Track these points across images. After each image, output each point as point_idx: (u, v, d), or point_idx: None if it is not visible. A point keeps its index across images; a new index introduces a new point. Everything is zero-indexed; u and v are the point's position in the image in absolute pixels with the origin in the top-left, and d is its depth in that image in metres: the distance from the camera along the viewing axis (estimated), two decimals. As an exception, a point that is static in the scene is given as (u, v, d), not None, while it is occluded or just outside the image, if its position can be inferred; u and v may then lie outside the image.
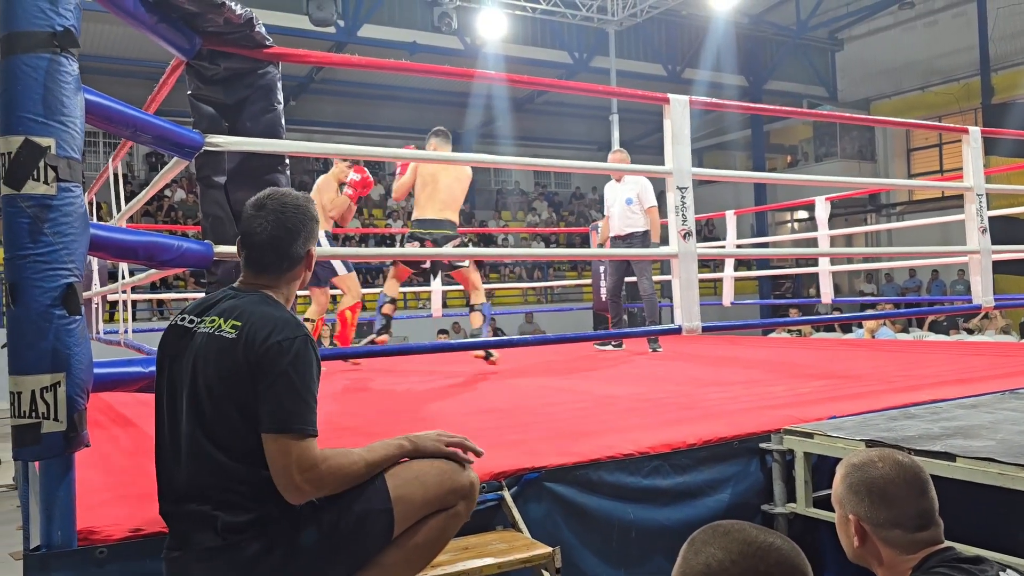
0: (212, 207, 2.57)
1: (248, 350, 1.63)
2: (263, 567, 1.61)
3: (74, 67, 1.89)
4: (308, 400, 1.62)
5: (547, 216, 20.52)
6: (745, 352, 6.41)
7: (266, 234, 1.76)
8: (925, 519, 1.54)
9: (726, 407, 3.43)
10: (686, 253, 3.27)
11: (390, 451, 1.77)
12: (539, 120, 20.40)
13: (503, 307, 16.38)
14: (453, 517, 1.80)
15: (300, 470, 1.57)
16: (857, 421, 2.95)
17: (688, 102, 3.32)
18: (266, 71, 2.57)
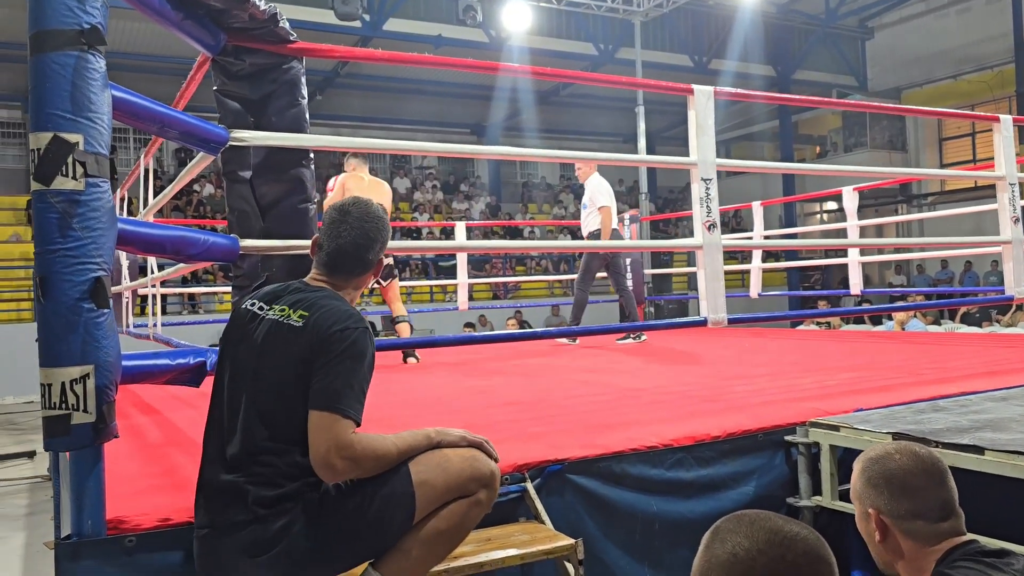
0: (238, 201, 2.60)
1: (313, 337, 1.71)
2: (286, 543, 1.64)
3: (101, 64, 1.92)
4: (355, 387, 1.68)
5: (573, 209, 20.47)
6: (772, 344, 6.36)
7: (348, 239, 1.86)
8: (947, 509, 1.52)
9: (751, 399, 3.41)
10: (711, 244, 3.25)
11: (418, 440, 1.80)
12: (564, 112, 20.35)
13: (529, 300, 16.39)
14: (475, 505, 1.82)
15: (338, 448, 1.62)
16: (884, 414, 2.92)
17: (713, 92, 3.29)
18: (290, 66, 2.59)
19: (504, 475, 2.38)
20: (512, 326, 11.01)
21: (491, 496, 1.85)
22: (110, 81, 1.97)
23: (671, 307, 11.61)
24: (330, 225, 1.90)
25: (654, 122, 21.11)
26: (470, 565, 2.01)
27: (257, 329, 1.79)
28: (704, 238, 3.23)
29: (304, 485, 1.69)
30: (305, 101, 2.65)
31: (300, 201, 2.62)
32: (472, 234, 17.59)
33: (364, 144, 3.34)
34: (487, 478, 1.83)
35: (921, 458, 1.56)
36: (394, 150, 3.32)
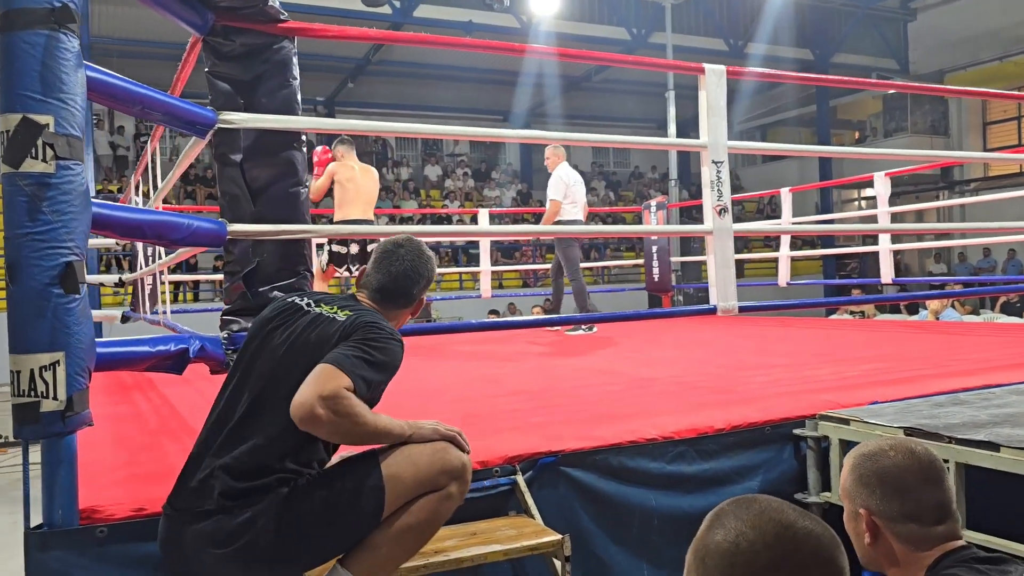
0: (228, 185, 2.56)
1: (349, 325, 1.76)
2: (249, 537, 1.60)
3: (74, 44, 1.88)
4: (367, 367, 1.68)
5: (604, 195, 20.29)
6: (798, 334, 6.21)
7: (399, 270, 1.95)
8: (942, 512, 1.42)
9: (763, 391, 3.30)
10: (721, 230, 3.14)
11: (394, 428, 1.75)
12: (595, 98, 20.12)
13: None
14: (446, 499, 1.76)
15: (324, 393, 1.58)
16: (899, 407, 2.80)
17: (724, 72, 3.17)
18: (281, 46, 2.53)
19: (494, 467, 2.32)
20: (538, 314, 10.93)
21: (462, 489, 1.79)
22: (110, 68, 1.94)
23: (700, 295, 11.40)
24: (383, 255, 1.98)
25: (687, 108, 20.83)
26: (450, 560, 1.95)
27: (300, 320, 1.82)
28: (714, 223, 3.12)
29: (276, 480, 1.65)
30: (297, 82, 2.59)
31: (291, 185, 2.56)
32: (502, 221, 17.55)
33: (360, 126, 3.28)
34: (458, 471, 1.76)
35: (917, 456, 1.45)
36: (388, 132, 3.26)
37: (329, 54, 15.88)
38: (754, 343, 5.54)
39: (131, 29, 14.55)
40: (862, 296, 8.66)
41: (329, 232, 3.36)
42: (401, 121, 15.45)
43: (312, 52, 15.28)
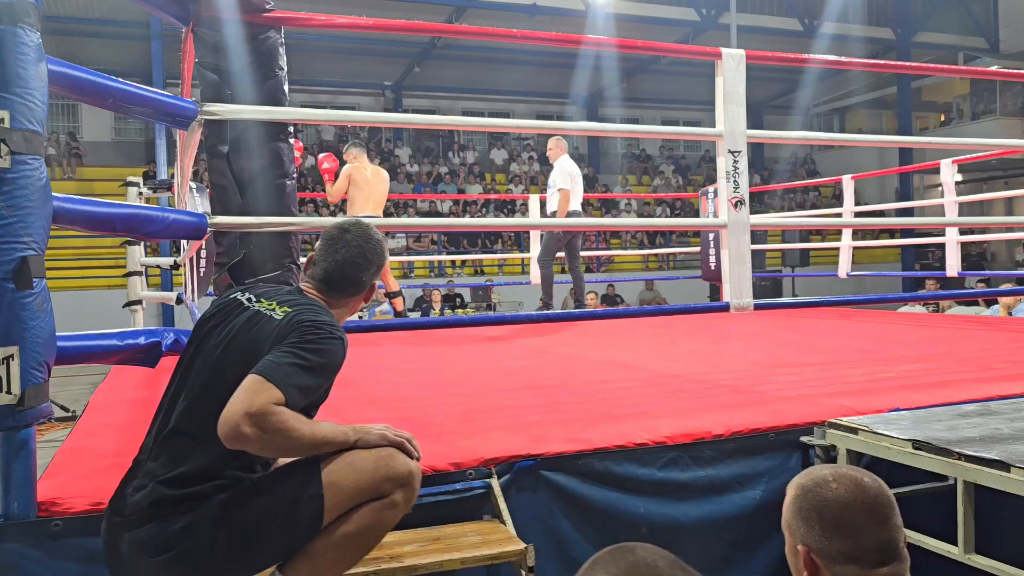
0: (217, 176, 2.55)
1: (286, 326, 1.68)
2: (185, 545, 1.56)
3: (32, 38, 1.87)
4: (302, 373, 1.60)
5: (673, 180, 19.91)
6: (853, 328, 5.94)
7: (344, 257, 1.86)
8: (887, 552, 1.28)
9: (783, 392, 3.13)
10: (736, 223, 2.98)
11: (336, 435, 1.68)
12: (661, 81, 19.70)
13: (622, 274, 16.09)
14: (389, 507, 1.69)
15: (250, 411, 1.51)
16: (919, 416, 2.61)
17: (743, 57, 3.00)
18: (267, 36, 2.50)
19: (468, 469, 2.25)
20: (592, 300, 10.78)
21: (409, 497, 1.72)
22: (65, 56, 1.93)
23: (763, 284, 11.05)
24: (328, 241, 1.90)
25: (760, 91, 20.23)
26: (404, 567, 1.89)
27: (237, 318, 1.76)
28: (729, 216, 2.96)
29: (213, 487, 1.60)
30: (283, 72, 2.55)
31: (277, 176, 2.53)
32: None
33: (348, 117, 3.21)
34: (403, 478, 1.69)
35: (863, 490, 1.32)
36: (385, 123, 3.18)
37: (395, 39, 15.94)
38: (800, 337, 5.32)
39: (80, 7, 14.53)
40: (913, 294, 8.25)
41: (313, 225, 3.31)
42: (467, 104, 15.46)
43: (378, 37, 15.40)
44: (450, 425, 2.72)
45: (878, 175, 13.83)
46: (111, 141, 17.51)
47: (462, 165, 18.63)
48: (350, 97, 19.59)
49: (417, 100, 19.90)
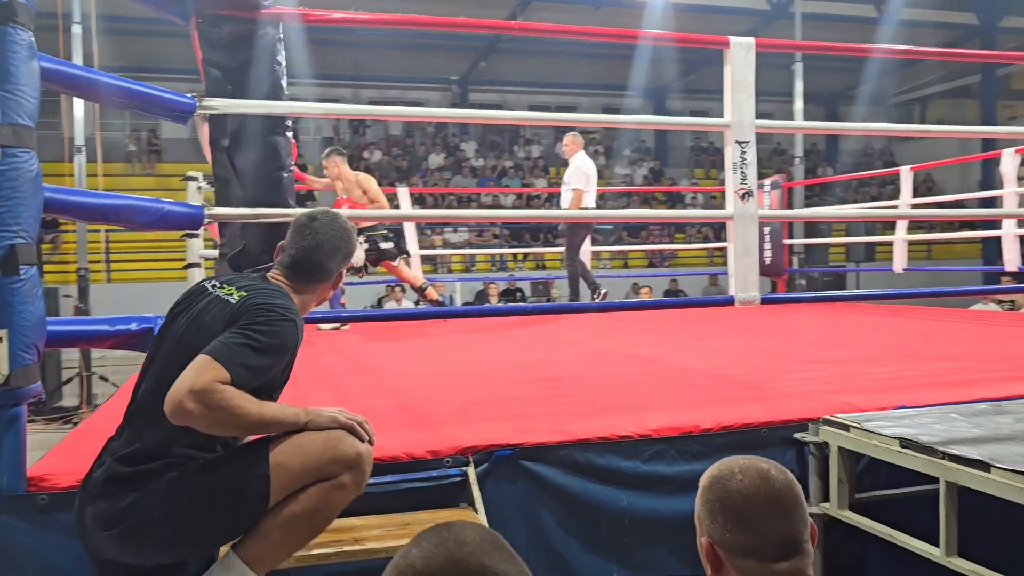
0: (219, 169, 2.64)
1: (239, 309, 1.74)
2: (132, 520, 1.63)
3: (23, 37, 1.98)
4: (252, 351, 1.65)
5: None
6: (900, 324, 5.75)
7: (311, 243, 1.90)
8: (789, 547, 1.26)
9: (792, 388, 3.06)
10: (743, 215, 2.93)
11: (286, 416, 1.72)
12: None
13: (686, 268, 15.87)
14: (337, 488, 1.73)
15: (194, 388, 1.56)
16: (920, 413, 2.53)
17: (752, 45, 2.95)
18: (265, 32, 2.57)
19: (446, 457, 2.28)
20: (646, 295, 10.68)
21: (358, 479, 1.75)
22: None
23: (826, 279, 10.73)
24: (296, 228, 1.94)
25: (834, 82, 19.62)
26: (364, 550, 1.94)
27: (199, 303, 1.82)
28: (736, 208, 2.92)
29: (163, 465, 1.67)
30: (282, 67, 2.62)
31: (275, 169, 2.61)
32: (630, 200, 17.26)
33: (359, 111, 3.27)
34: (351, 460, 1.73)
35: (768, 482, 1.29)
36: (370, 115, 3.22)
37: (460, 33, 16.05)
38: (839, 334, 5.18)
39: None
40: (933, 289, 7.89)
41: None
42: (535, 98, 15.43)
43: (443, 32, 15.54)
44: (445, 414, 2.76)
45: (941, 165, 13.26)
46: (188, 138, 18.13)
47: (527, 159, 18.65)
48: (418, 92, 19.82)
49: (483, 95, 19.99)
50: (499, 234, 15.88)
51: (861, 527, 2.36)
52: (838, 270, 11.18)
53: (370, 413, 2.77)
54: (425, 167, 17.75)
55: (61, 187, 2.14)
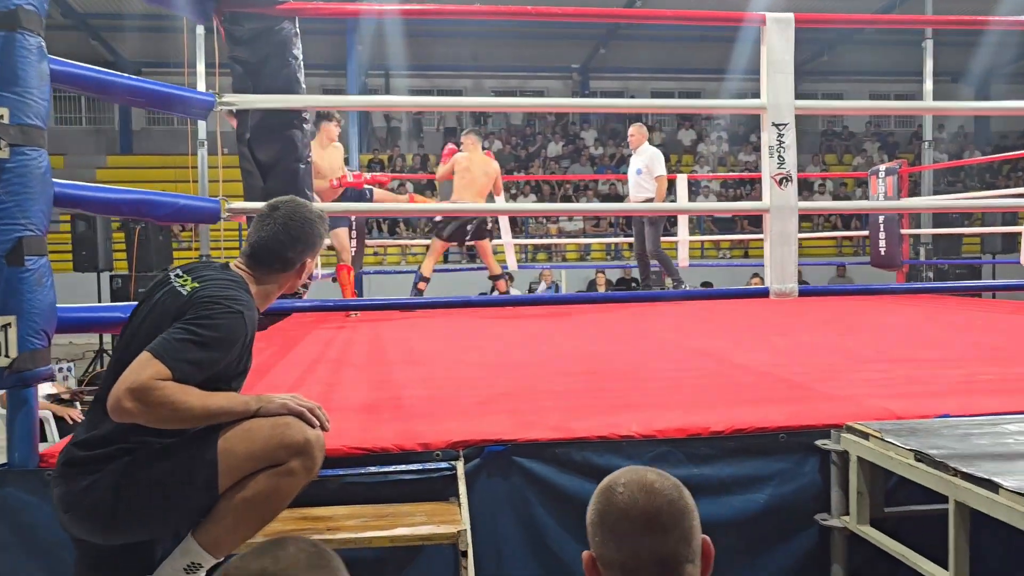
0: (243, 162, 2.74)
1: (187, 302, 1.78)
2: (89, 503, 1.71)
3: (32, 42, 2.10)
4: (195, 346, 1.69)
5: (878, 159, 18.39)
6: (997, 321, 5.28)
7: (269, 232, 1.92)
8: (663, 567, 1.17)
9: (837, 390, 2.86)
10: (781, 204, 2.76)
11: (234, 405, 1.76)
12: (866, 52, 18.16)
13: (811, 258, 15.16)
14: (286, 474, 1.75)
15: (132, 386, 1.62)
16: (957, 423, 2.31)
17: (792, 21, 2.76)
18: (281, 27, 2.64)
19: (436, 451, 2.27)
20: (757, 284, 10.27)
21: (308, 465, 1.76)
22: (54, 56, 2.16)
23: (959, 272, 9.97)
24: (257, 218, 1.97)
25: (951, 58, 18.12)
26: (336, 540, 1.95)
27: (157, 294, 1.88)
28: (773, 197, 2.74)
29: (117, 450, 1.73)
30: (298, 61, 2.68)
31: (292, 161, 2.67)
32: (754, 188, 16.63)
33: (363, 102, 3.26)
34: (299, 446, 1.74)
35: (650, 496, 1.21)
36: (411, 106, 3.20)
37: (579, 21, 15.89)
38: (940, 331, 4.81)
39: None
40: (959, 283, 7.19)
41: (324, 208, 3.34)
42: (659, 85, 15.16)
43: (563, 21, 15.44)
44: (462, 406, 2.76)
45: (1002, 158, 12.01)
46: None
47: (647, 146, 18.30)
48: (539, 81, 19.83)
49: (605, 82, 19.76)
50: (614, 223, 15.67)
51: (878, 544, 2.18)
52: (971, 262, 10.36)
53: (389, 403, 2.83)
54: (544, 155, 17.75)
55: (75, 183, 2.26)
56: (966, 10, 15.20)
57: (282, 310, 3.40)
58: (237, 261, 1.96)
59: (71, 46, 16.61)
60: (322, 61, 17.30)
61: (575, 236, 15.03)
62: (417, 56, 16.67)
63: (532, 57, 18.36)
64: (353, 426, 2.45)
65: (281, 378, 3.33)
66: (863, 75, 19.53)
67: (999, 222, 9.44)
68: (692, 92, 19.91)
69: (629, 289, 13.88)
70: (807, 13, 5.35)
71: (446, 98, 16.57)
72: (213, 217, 2.54)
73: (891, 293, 4.92)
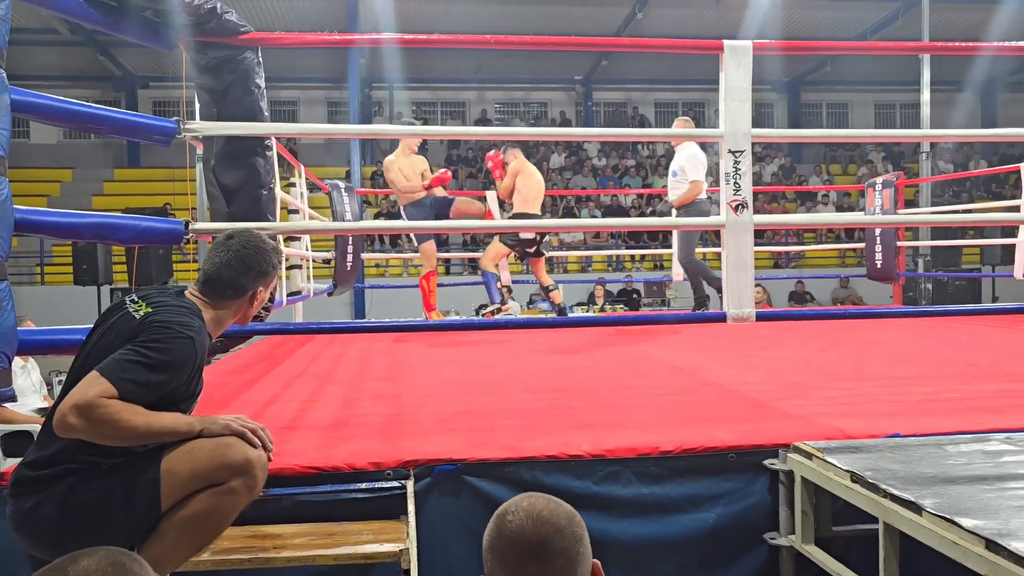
0: (209, 187, 2.79)
1: (139, 326, 1.85)
2: (34, 521, 1.77)
3: (-5, 74, 2.17)
4: (141, 367, 1.76)
5: (883, 169, 18.36)
6: (994, 339, 5.27)
7: (222, 260, 2.00)
8: None
9: (797, 409, 2.89)
10: (736, 227, 2.79)
11: (177, 426, 1.81)
12: (869, 61, 18.17)
13: (815, 270, 15.15)
14: (227, 493, 1.80)
15: (77, 403, 1.68)
16: (899, 444, 2.34)
17: (749, 49, 2.80)
18: (244, 56, 2.69)
19: (387, 470, 2.31)
20: (760, 296, 10.28)
21: (249, 484, 1.81)
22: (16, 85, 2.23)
23: (958, 284, 9.95)
24: (213, 247, 2.05)
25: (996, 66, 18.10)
26: (280, 558, 2.00)
27: (111, 318, 1.94)
28: (728, 220, 2.78)
29: (63, 470, 1.79)
30: (260, 90, 2.73)
31: (255, 187, 2.73)
32: (757, 200, 16.62)
33: (323, 130, 3.32)
34: (239, 467, 1.80)
35: (537, 523, 1.24)
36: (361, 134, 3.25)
37: (581, 32, 15.95)
38: (906, 347, 4.81)
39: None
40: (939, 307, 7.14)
41: (280, 229, 3.36)
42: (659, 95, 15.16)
43: (565, 31, 15.52)
44: (422, 423, 2.80)
45: None
46: (323, 143, 19.04)
47: (649, 158, 18.34)
48: (542, 93, 19.94)
49: (608, 93, 19.83)
50: (615, 234, 15.71)
51: (819, 564, 2.21)
52: (970, 275, 10.33)
53: (354, 421, 2.88)
54: (547, 167, 17.81)
55: (36, 208, 2.33)
56: (964, 21, 15.37)
57: (259, 331, 3.45)
58: (192, 288, 2.02)
59: (80, 61, 16.90)
60: (325, 74, 17.49)
61: (576, 248, 15.05)
62: (420, 68, 16.79)
63: (535, 69, 18.45)
64: (312, 445, 2.50)
65: (259, 395, 3.40)
66: (867, 85, 19.56)
67: (998, 234, 9.40)
68: (695, 102, 19.98)
69: (631, 300, 13.93)
70: (807, 25, 5.20)
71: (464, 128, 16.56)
72: (177, 238, 2.60)
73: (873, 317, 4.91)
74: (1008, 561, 1.51)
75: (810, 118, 20.11)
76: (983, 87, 19.47)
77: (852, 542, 2.32)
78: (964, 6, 14.46)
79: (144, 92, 18.10)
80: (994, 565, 1.53)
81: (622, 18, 15.91)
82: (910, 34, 16.73)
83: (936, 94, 18.76)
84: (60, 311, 6.75)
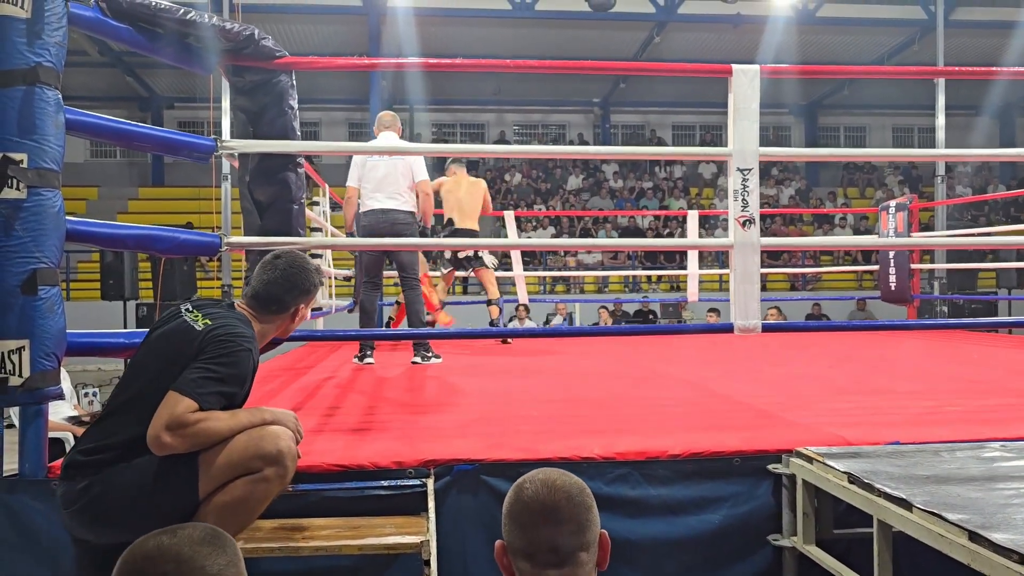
0: (244, 201, 2.96)
1: (203, 338, 2.02)
2: (84, 503, 1.93)
3: (50, 95, 2.34)
4: (215, 382, 1.94)
5: (899, 193, 18.40)
6: (997, 356, 5.35)
7: (271, 278, 2.19)
8: (557, 556, 1.35)
9: (800, 418, 3.00)
10: (744, 244, 2.92)
11: (253, 420, 1.99)
12: (888, 85, 18.26)
13: (831, 292, 15.18)
14: (260, 482, 1.95)
15: (170, 424, 1.86)
16: (899, 451, 2.45)
17: (757, 72, 2.94)
18: (279, 80, 2.86)
19: (409, 468, 2.45)
20: (773, 316, 10.36)
21: (281, 473, 1.96)
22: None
23: (974, 306, 9.97)
24: (261, 265, 2.23)
25: (1013, 89, 18.15)
26: (309, 547, 2.13)
27: (170, 325, 2.11)
28: (736, 236, 2.91)
29: (113, 455, 1.95)
30: (293, 111, 2.90)
31: (286, 202, 2.89)
32: (773, 222, 16.71)
33: (343, 148, 3.50)
34: (272, 456, 1.95)
35: (551, 490, 1.39)
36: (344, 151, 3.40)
37: (599, 55, 16.15)
38: (915, 364, 4.91)
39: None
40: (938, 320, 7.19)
41: (315, 244, 3.54)
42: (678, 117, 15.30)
43: (583, 55, 15.75)
44: (443, 428, 2.94)
45: None
46: (344, 163, 19.36)
47: (666, 179, 18.49)
48: (560, 115, 20.18)
49: (626, 115, 20.05)
50: (632, 255, 15.84)
51: (821, 564, 2.31)
52: (986, 297, 10.35)
53: (377, 425, 3.02)
54: (564, 189, 17.99)
55: (86, 220, 2.49)
56: (980, 46, 15.46)
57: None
58: (240, 301, 2.21)
59: (108, 82, 17.30)
60: (347, 96, 17.81)
61: (593, 268, 15.19)
62: (440, 90, 17.08)
63: (553, 92, 18.71)
64: (338, 445, 2.65)
65: (284, 402, 3.55)
66: (885, 108, 19.64)
67: (1013, 257, 9.46)
68: (713, 125, 20.11)
69: (646, 321, 14.02)
70: (825, 48, 5.25)
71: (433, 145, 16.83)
72: (213, 250, 2.77)
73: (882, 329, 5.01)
74: (988, 551, 1.62)
75: (828, 141, 20.20)
76: (1001, 111, 19.51)
77: (853, 544, 2.42)
78: (980, 31, 14.55)
79: (169, 112, 18.48)
80: (976, 555, 1.65)
81: (640, 42, 16.12)
82: (928, 58, 16.85)
83: (954, 118, 18.81)
84: (87, 326, 6.93)
